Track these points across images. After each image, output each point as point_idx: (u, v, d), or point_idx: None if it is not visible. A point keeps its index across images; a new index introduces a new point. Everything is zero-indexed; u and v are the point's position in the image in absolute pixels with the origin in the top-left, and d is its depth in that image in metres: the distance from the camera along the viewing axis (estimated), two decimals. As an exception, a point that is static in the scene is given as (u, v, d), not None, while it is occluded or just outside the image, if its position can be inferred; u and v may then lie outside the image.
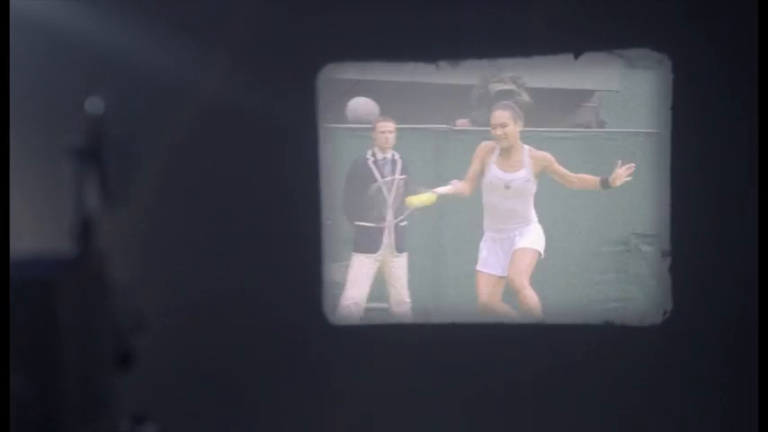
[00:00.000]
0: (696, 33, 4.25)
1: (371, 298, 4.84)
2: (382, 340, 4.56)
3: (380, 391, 4.56)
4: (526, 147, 4.70)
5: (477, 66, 4.50)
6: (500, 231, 4.68)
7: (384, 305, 4.83)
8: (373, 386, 4.56)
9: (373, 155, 4.88)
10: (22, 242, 2.52)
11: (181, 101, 4.54)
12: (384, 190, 4.81)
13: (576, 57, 4.38)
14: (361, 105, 4.77)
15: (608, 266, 4.98)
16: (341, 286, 4.79)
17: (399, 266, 4.87)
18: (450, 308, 4.70)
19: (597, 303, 4.83)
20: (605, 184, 4.63)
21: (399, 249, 4.88)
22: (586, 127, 5.35)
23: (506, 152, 4.69)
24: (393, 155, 4.86)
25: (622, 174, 4.59)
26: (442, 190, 4.73)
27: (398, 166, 4.86)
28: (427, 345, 4.54)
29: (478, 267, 4.74)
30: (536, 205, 4.72)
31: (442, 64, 4.49)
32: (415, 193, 4.79)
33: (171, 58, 4.51)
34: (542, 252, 4.69)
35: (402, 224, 4.85)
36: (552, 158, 4.68)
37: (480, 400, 4.54)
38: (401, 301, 4.78)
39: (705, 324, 4.34)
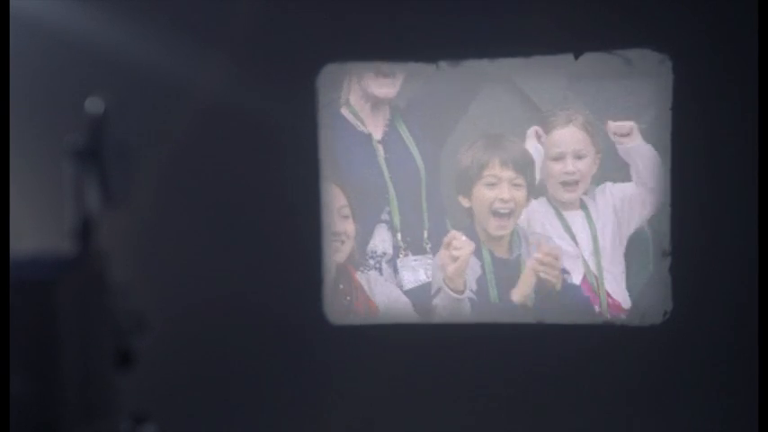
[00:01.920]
0: (696, 33, 4.25)
1: None
2: (382, 340, 4.56)
3: (381, 391, 4.56)
4: None
5: (477, 65, 4.49)
6: None
7: None
8: (373, 386, 4.56)
9: None
10: (22, 242, 2.52)
11: (181, 101, 4.54)
12: None
13: (576, 57, 4.38)
14: None
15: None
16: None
17: None
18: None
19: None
20: None
21: None
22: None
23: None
24: None
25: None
26: None
27: None
28: (427, 345, 4.54)
29: None
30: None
31: (442, 64, 4.49)
32: None
33: (171, 58, 4.51)
34: None
35: None
36: None
37: (480, 400, 4.54)
38: None
39: (705, 324, 4.35)
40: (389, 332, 4.56)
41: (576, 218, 4.50)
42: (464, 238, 4.56)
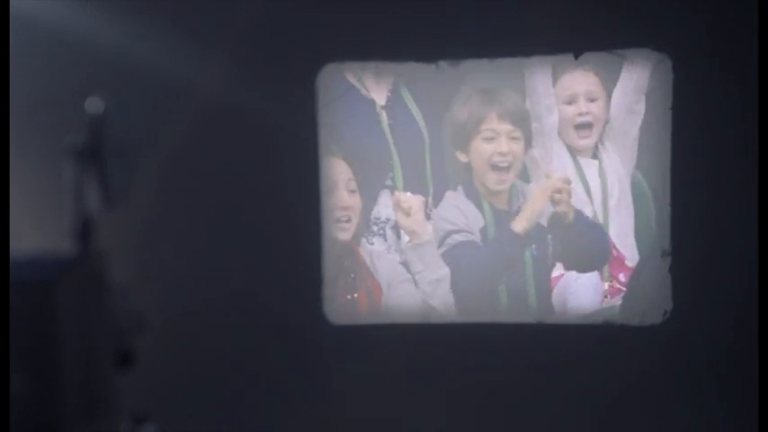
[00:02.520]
0: (696, 33, 4.25)
1: None
2: (382, 340, 4.56)
3: (381, 391, 4.56)
4: None
5: (477, 66, 4.49)
6: None
7: None
8: (374, 386, 4.56)
9: None
10: (22, 242, 2.52)
11: (181, 101, 4.55)
12: None
13: (576, 56, 4.38)
14: None
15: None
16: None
17: None
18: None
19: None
20: None
21: None
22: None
23: None
24: None
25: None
26: None
27: None
28: (427, 345, 4.54)
29: None
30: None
31: (442, 64, 4.49)
32: None
33: (171, 58, 4.51)
34: None
35: None
36: None
37: (480, 399, 4.54)
38: None
39: (705, 324, 4.35)
40: (390, 332, 4.56)
41: (590, 167, 4.50)
42: (408, 194, 4.58)
